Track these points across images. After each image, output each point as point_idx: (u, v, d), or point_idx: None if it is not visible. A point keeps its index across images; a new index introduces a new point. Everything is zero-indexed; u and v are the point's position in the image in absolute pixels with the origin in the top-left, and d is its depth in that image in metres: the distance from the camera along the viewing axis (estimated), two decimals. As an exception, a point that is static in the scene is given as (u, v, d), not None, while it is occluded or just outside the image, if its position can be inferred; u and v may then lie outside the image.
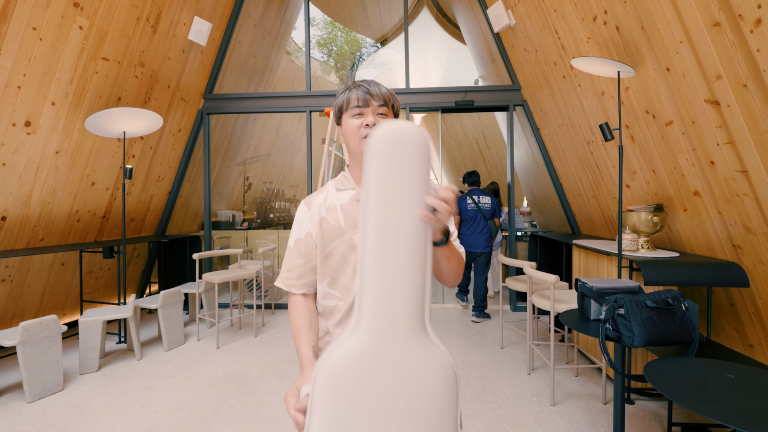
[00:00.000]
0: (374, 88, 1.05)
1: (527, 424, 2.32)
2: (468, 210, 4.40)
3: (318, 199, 1.08)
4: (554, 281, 2.51)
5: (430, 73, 8.03)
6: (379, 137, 0.72)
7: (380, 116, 1.03)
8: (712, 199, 2.30)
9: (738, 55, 1.82)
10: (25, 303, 3.56)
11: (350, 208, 1.04)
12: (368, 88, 1.04)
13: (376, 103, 1.03)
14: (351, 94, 1.04)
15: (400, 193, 0.71)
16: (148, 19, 3.60)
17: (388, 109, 1.05)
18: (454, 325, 4.17)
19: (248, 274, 3.88)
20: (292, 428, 2.29)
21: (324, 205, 1.06)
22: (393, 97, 1.07)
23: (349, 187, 1.07)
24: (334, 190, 1.09)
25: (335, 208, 1.05)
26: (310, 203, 1.08)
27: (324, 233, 1.04)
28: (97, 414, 2.45)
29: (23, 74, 2.85)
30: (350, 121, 1.03)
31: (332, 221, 1.04)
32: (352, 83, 1.07)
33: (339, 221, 1.03)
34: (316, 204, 1.07)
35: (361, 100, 1.02)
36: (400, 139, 0.71)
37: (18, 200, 3.16)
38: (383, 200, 0.71)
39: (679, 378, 1.36)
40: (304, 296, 1.07)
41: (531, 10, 3.58)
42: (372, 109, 1.03)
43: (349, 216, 1.04)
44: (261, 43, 5.56)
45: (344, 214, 1.04)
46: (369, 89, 1.04)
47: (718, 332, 2.58)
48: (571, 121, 3.64)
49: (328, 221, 1.04)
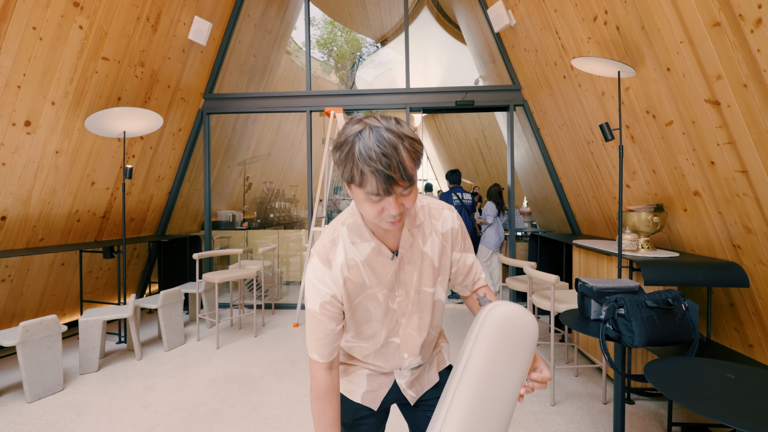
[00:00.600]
0: (398, 168, 0.75)
1: (527, 423, 2.32)
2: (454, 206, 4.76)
3: (337, 256, 0.93)
4: (554, 281, 2.51)
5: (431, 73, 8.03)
6: (500, 318, 0.80)
7: (405, 197, 0.81)
8: (712, 199, 2.30)
9: (738, 55, 1.82)
10: (25, 303, 3.56)
11: (372, 263, 0.95)
12: (390, 173, 0.74)
13: (402, 188, 0.78)
14: (366, 177, 0.76)
15: (505, 372, 0.79)
16: (148, 19, 3.59)
17: (415, 182, 0.82)
18: (455, 324, 4.17)
19: (248, 274, 3.88)
20: (292, 428, 2.29)
21: (345, 263, 0.93)
22: (418, 160, 0.80)
23: (366, 240, 0.94)
24: (349, 243, 0.94)
25: (357, 264, 0.94)
26: (329, 262, 0.93)
27: (349, 292, 0.94)
28: (97, 414, 2.45)
29: (23, 74, 2.85)
30: (366, 203, 0.81)
31: (356, 279, 0.95)
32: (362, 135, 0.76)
33: (363, 278, 0.95)
34: (337, 264, 0.93)
35: (382, 189, 0.76)
36: (518, 326, 0.80)
37: (18, 200, 3.16)
38: (487, 375, 0.79)
39: (680, 378, 1.36)
40: (330, 368, 0.97)
41: (531, 10, 3.58)
42: (395, 196, 0.79)
43: (373, 271, 0.95)
44: (261, 43, 5.56)
45: (367, 269, 0.95)
46: (392, 176, 0.75)
47: (718, 332, 2.58)
48: (572, 121, 3.64)
49: (351, 280, 0.94)
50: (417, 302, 1.00)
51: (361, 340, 1.02)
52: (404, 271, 0.98)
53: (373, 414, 1.10)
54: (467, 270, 1.09)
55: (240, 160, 6.47)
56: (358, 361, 1.09)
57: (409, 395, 1.10)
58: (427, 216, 1.01)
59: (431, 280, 1.01)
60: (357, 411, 1.08)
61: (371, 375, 1.09)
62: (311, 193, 4.75)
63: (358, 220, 0.93)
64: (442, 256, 1.02)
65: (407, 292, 0.99)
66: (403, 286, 0.98)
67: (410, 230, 0.97)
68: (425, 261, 0.99)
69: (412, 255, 0.98)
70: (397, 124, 0.79)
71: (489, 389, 0.78)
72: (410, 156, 0.77)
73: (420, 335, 1.03)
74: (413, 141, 0.78)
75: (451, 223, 1.03)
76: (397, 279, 0.97)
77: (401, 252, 0.96)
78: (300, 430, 2.27)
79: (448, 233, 1.02)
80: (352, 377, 1.10)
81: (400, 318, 1.01)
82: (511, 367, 0.79)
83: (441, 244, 1.01)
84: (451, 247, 1.03)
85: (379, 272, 0.96)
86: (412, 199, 0.83)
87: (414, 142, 0.79)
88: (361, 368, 1.10)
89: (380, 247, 0.94)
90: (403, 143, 0.76)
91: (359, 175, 0.76)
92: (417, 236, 0.98)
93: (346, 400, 1.09)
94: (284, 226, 7.22)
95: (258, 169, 7.57)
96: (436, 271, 1.01)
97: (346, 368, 1.11)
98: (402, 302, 0.99)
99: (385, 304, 0.98)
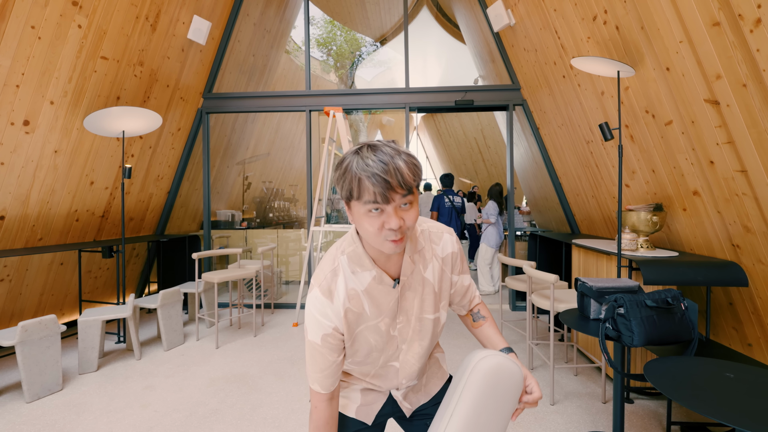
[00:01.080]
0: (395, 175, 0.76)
1: (527, 423, 2.32)
2: (445, 207, 5.52)
3: (338, 287, 0.92)
4: (554, 281, 2.51)
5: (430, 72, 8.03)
6: (489, 371, 0.86)
7: (404, 208, 0.81)
8: (711, 198, 2.30)
9: (738, 55, 1.82)
10: (23, 303, 3.56)
11: (373, 293, 0.93)
12: (387, 179, 0.75)
13: (399, 196, 0.78)
14: (364, 185, 0.77)
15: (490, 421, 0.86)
16: (147, 18, 3.59)
17: (413, 194, 0.81)
18: (454, 324, 4.17)
19: (248, 273, 3.88)
20: (292, 428, 2.29)
21: (345, 293, 0.92)
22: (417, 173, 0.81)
23: (367, 269, 0.92)
24: (349, 273, 0.93)
25: (358, 294, 0.93)
26: (331, 294, 0.91)
27: (349, 322, 0.93)
28: (96, 414, 2.44)
29: (21, 73, 2.84)
30: (366, 217, 0.81)
31: (356, 309, 0.93)
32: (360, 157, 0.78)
33: (363, 308, 0.94)
34: (339, 296, 0.91)
35: (380, 196, 0.77)
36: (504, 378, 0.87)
37: (16, 200, 3.16)
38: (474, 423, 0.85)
39: (679, 377, 1.36)
40: (331, 398, 0.96)
41: (531, 10, 3.58)
42: (394, 205, 0.79)
43: (374, 302, 0.94)
44: (260, 42, 5.55)
45: (368, 300, 0.94)
46: (389, 181, 0.76)
47: (717, 331, 2.58)
48: (571, 121, 3.65)
49: (352, 311, 0.93)
50: (418, 330, 0.99)
51: (359, 366, 1.02)
52: (405, 297, 0.97)
53: (368, 428, 1.08)
54: (464, 291, 1.10)
55: (239, 160, 6.47)
56: (354, 378, 1.08)
57: (405, 407, 1.09)
58: (427, 241, 1.00)
59: (432, 307, 1.00)
60: (351, 425, 1.06)
61: (366, 390, 1.08)
62: (310, 192, 4.75)
63: (359, 249, 0.92)
64: (442, 280, 1.02)
65: (408, 319, 0.98)
66: (404, 312, 0.98)
67: (411, 257, 0.96)
68: (426, 287, 0.98)
69: (413, 281, 0.97)
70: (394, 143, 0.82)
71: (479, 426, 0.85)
72: (408, 167, 0.79)
73: (419, 362, 1.02)
74: (410, 157, 0.80)
75: (451, 247, 1.03)
76: (399, 306, 0.97)
77: (403, 279, 0.95)
78: (299, 430, 2.27)
79: (448, 258, 1.02)
80: (347, 392, 1.09)
81: (401, 344, 1.00)
82: (496, 416, 0.86)
83: (441, 269, 1.01)
84: (450, 270, 1.04)
85: (380, 301, 0.94)
86: (413, 215, 0.82)
87: (411, 158, 0.80)
88: (356, 383, 1.09)
89: (381, 276, 0.92)
90: (401, 156, 0.79)
91: (357, 185, 0.78)
92: (418, 262, 0.97)
93: (340, 415, 1.07)
94: (283, 225, 7.22)
95: (257, 168, 7.56)
96: (437, 296, 1.01)
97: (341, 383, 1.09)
98: (403, 329, 0.99)
99: (387, 332, 0.97)
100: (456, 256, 1.04)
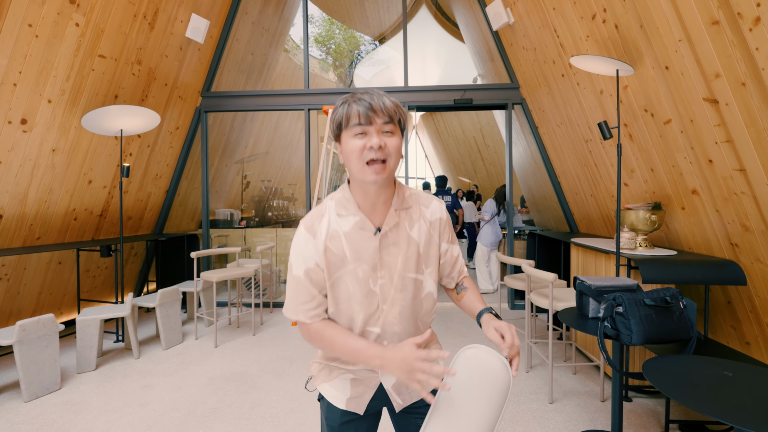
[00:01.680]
0: (377, 100, 0.91)
1: (526, 421, 2.33)
2: None
3: (321, 226, 0.99)
4: (552, 279, 2.51)
5: (429, 71, 8.02)
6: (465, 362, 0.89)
7: (386, 134, 0.92)
8: (710, 197, 2.31)
9: (737, 54, 1.82)
10: (21, 302, 3.55)
11: (354, 237, 0.97)
12: (371, 102, 0.90)
13: (381, 120, 0.90)
14: (351, 109, 0.91)
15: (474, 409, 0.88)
16: (145, 16, 3.57)
17: (395, 126, 0.93)
18: (453, 323, 4.17)
19: (246, 272, 3.87)
20: (291, 426, 2.29)
21: (327, 232, 0.98)
22: (399, 110, 0.94)
23: (351, 213, 0.98)
24: (335, 215, 0.99)
25: (339, 236, 0.97)
26: (314, 231, 0.98)
27: (329, 263, 0.97)
28: (94, 413, 2.44)
29: (19, 71, 2.83)
30: (351, 141, 0.92)
31: (336, 251, 0.97)
32: (351, 95, 0.94)
33: (343, 251, 0.97)
34: (321, 232, 0.98)
35: (363, 117, 0.90)
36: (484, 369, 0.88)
37: (14, 198, 3.15)
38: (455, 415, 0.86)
39: (677, 375, 1.36)
40: (318, 324, 1.01)
41: (530, 8, 3.58)
42: (376, 127, 0.90)
43: (354, 246, 0.97)
44: (259, 41, 5.54)
45: (348, 243, 0.97)
46: (371, 103, 0.90)
47: (716, 330, 2.59)
48: (570, 120, 3.65)
49: (332, 251, 0.97)
50: (401, 288, 0.99)
51: (339, 320, 1.01)
52: (389, 252, 0.98)
53: (361, 418, 1.07)
54: (454, 261, 1.11)
55: (238, 159, 6.46)
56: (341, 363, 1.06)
57: (396, 402, 1.06)
58: (416, 202, 1.04)
59: (416, 266, 1.01)
60: (343, 415, 1.06)
61: (355, 380, 1.05)
62: (309, 191, 4.74)
63: (347, 194, 1.00)
64: (429, 244, 1.03)
65: (390, 276, 0.98)
66: (386, 267, 0.98)
67: (397, 210, 1.00)
68: (411, 246, 1.00)
69: (398, 237, 0.99)
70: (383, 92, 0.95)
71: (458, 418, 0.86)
72: (391, 102, 0.93)
73: (401, 323, 1.00)
74: (395, 101, 0.94)
75: (440, 213, 1.06)
76: (381, 259, 0.98)
77: (384, 229, 0.98)
78: (299, 429, 2.27)
79: (436, 222, 1.05)
80: (336, 383, 1.07)
81: (382, 304, 0.99)
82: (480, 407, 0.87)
83: (428, 232, 1.03)
84: (439, 237, 1.05)
85: (360, 246, 0.97)
86: (394, 142, 0.92)
87: (396, 101, 0.94)
88: (344, 373, 1.06)
89: (364, 221, 0.98)
90: (387, 96, 0.93)
91: (345, 112, 0.91)
92: (404, 219, 1.01)
93: (331, 406, 1.07)
94: (282, 224, 7.21)
95: (256, 167, 7.55)
96: (422, 258, 1.02)
97: (329, 371, 1.07)
98: (384, 286, 0.98)
99: (365, 283, 0.98)
100: (445, 223, 1.07)
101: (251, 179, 7.25)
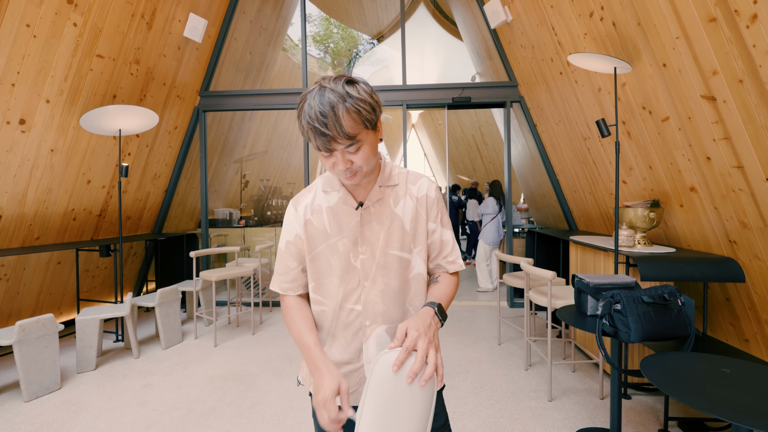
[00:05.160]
0: (334, 128, 0.81)
1: (525, 419, 2.33)
2: None
3: (305, 200, 1.03)
4: (551, 277, 2.51)
5: (427, 69, 8.02)
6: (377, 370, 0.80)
7: (352, 154, 0.87)
8: (708, 194, 2.31)
9: (734, 51, 1.82)
10: (21, 302, 3.55)
11: (337, 212, 0.99)
12: (327, 132, 0.81)
13: (342, 145, 0.84)
14: (309, 135, 0.84)
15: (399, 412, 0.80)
16: (143, 16, 3.57)
17: (361, 137, 0.86)
18: (452, 321, 4.18)
19: (246, 271, 3.87)
20: (290, 426, 2.29)
21: (310, 206, 1.01)
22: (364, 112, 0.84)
23: (335, 189, 1.01)
24: (321, 191, 1.03)
25: (321, 210, 1.00)
26: (297, 204, 1.03)
27: (309, 236, 1.00)
28: (94, 413, 2.44)
29: (17, 72, 2.82)
30: (320, 156, 0.90)
31: (317, 224, 1.00)
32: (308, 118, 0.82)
33: (324, 224, 0.99)
34: (303, 206, 1.02)
35: (323, 147, 0.85)
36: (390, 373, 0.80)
37: (13, 199, 3.14)
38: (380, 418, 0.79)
39: (676, 373, 1.37)
40: (299, 296, 1.05)
41: (528, 6, 3.57)
42: (339, 151, 0.86)
43: (335, 220, 0.99)
44: (257, 40, 5.53)
45: (330, 217, 0.99)
46: (329, 134, 0.81)
47: (714, 327, 2.59)
48: (568, 118, 3.65)
49: (313, 224, 1.00)
50: (383, 265, 0.97)
51: (320, 295, 1.00)
52: (372, 228, 0.98)
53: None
54: (440, 245, 1.04)
55: (236, 158, 6.45)
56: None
57: None
58: (403, 180, 1.04)
59: (399, 243, 0.98)
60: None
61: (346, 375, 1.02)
62: (308, 190, 4.74)
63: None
64: (416, 221, 1.01)
65: (372, 252, 0.97)
66: (368, 243, 0.97)
67: (381, 187, 1.00)
68: (395, 221, 0.99)
69: (381, 213, 0.99)
70: (346, 85, 0.84)
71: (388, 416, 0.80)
72: (350, 116, 0.83)
73: (384, 302, 0.97)
74: (357, 101, 0.83)
75: (427, 189, 1.04)
76: (362, 234, 0.98)
77: (367, 204, 0.98)
78: (298, 428, 2.27)
79: (423, 198, 1.03)
80: None
81: (363, 281, 0.97)
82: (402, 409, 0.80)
83: (415, 209, 1.01)
84: (426, 214, 1.02)
85: (342, 220, 0.98)
86: (362, 156, 0.88)
87: (358, 101, 0.83)
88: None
89: (347, 197, 0.99)
90: (345, 104, 0.82)
91: (305, 132, 0.85)
92: (388, 195, 1.00)
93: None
94: (281, 223, 7.20)
95: (255, 166, 7.54)
96: (408, 235, 1.00)
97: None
98: (366, 261, 0.97)
99: (346, 257, 0.98)
100: (432, 200, 1.03)
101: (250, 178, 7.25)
